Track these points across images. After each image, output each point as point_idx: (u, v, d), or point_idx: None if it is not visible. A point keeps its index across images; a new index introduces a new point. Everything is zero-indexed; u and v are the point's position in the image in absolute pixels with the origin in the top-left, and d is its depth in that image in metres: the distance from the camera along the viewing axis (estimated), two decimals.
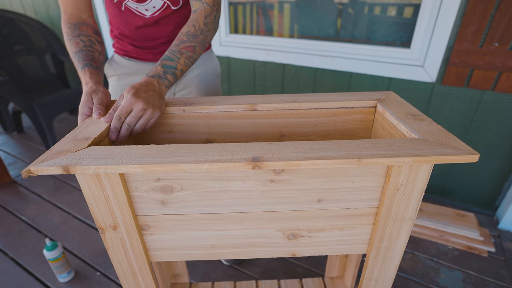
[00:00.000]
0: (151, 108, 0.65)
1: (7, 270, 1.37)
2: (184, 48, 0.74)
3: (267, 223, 0.62)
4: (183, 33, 0.76)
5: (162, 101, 0.69)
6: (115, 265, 0.65)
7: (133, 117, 0.63)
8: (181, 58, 0.73)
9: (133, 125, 0.64)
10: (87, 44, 0.78)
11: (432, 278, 1.28)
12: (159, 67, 0.71)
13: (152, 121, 0.67)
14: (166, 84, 0.71)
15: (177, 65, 0.72)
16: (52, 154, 0.53)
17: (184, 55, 0.74)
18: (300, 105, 0.74)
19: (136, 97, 0.63)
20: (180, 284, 1.15)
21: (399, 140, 0.54)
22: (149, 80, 0.68)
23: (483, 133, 1.45)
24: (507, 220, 1.51)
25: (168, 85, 0.72)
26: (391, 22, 1.56)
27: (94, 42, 0.80)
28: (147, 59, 0.97)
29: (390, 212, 0.59)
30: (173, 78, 0.72)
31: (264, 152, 0.51)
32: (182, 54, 0.73)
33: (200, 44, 0.77)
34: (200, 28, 0.77)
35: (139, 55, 0.97)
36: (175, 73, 0.73)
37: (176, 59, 0.72)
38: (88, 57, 0.76)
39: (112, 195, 0.55)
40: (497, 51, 1.26)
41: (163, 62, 0.71)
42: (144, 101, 0.63)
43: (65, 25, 0.80)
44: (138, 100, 0.63)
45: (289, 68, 1.81)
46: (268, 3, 1.83)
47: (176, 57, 0.73)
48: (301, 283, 1.14)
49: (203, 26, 0.78)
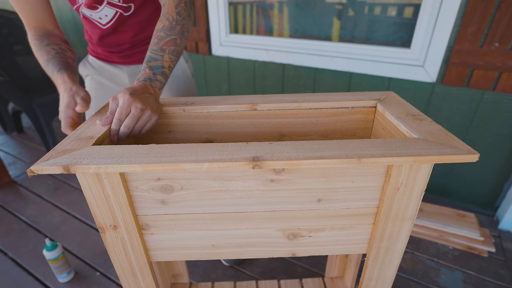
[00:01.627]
0: (149, 110, 0.64)
1: (7, 270, 1.37)
2: (164, 44, 0.72)
3: (267, 223, 0.62)
4: (159, 29, 0.74)
5: (158, 104, 0.69)
6: (115, 265, 0.65)
7: (132, 118, 0.63)
8: (165, 55, 0.72)
9: (132, 126, 0.63)
10: (58, 52, 0.78)
11: (432, 278, 1.28)
12: (147, 70, 0.70)
13: (150, 123, 0.66)
14: (159, 86, 0.70)
15: (163, 63, 0.71)
16: (56, 153, 0.53)
17: (166, 51, 0.72)
18: (300, 105, 0.74)
19: (134, 97, 0.62)
20: (180, 284, 1.15)
21: (399, 140, 0.54)
22: (142, 84, 0.67)
23: (483, 133, 1.45)
24: (507, 220, 1.51)
25: (161, 87, 0.71)
26: (391, 22, 1.56)
27: (65, 50, 0.80)
28: (115, 62, 0.99)
29: (390, 212, 0.59)
30: (163, 78, 0.72)
31: (264, 152, 0.51)
32: (165, 51, 0.72)
33: (179, 35, 0.75)
34: (174, 19, 0.75)
35: (108, 57, 0.99)
36: (164, 72, 0.72)
37: (160, 58, 0.71)
38: (62, 62, 0.76)
39: (113, 194, 0.55)
40: (497, 51, 1.26)
41: (149, 64, 0.70)
42: (142, 101, 0.63)
43: (32, 38, 0.80)
44: (136, 100, 0.62)
45: (289, 68, 1.81)
46: (268, 3, 1.83)
47: (160, 56, 0.71)
48: (301, 283, 1.14)
49: (176, 16, 0.76)
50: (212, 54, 2.01)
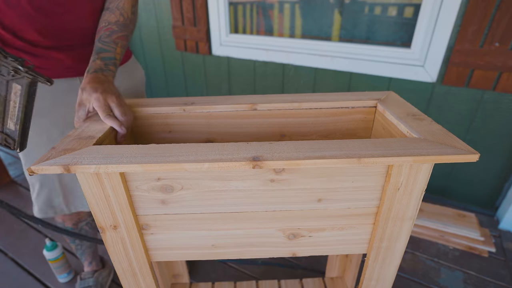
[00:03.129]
0: (118, 96, 0.65)
1: (7, 270, 1.37)
2: (117, 38, 0.71)
3: (268, 223, 0.62)
4: (111, 22, 0.72)
5: (118, 89, 0.68)
6: (115, 264, 0.65)
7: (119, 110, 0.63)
8: (117, 48, 0.70)
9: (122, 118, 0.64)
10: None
11: (433, 278, 1.28)
12: (98, 61, 0.67)
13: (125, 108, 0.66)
14: (112, 75, 0.68)
15: (115, 55, 0.70)
16: (57, 152, 0.53)
17: (119, 44, 0.71)
18: (300, 105, 0.74)
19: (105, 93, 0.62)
20: (180, 284, 1.15)
21: (400, 140, 0.54)
22: (95, 76, 0.65)
23: (483, 133, 1.45)
24: (507, 220, 1.50)
25: (113, 75, 0.69)
26: (391, 22, 1.55)
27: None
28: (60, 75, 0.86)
29: (390, 212, 0.59)
30: (115, 68, 0.70)
31: (265, 152, 0.51)
32: (117, 44, 0.71)
33: (131, 33, 0.75)
34: (128, 17, 0.75)
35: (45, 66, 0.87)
36: (116, 63, 0.70)
37: (112, 50, 0.70)
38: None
39: (113, 194, 0.55)
40: (497, 51, 1.26)
41: (100, 55, 0.68)
42: (111, 92, 0.63)
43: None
44: (109, 94, 0.62)
45: (289, 68, 1.81)
46: (268, 3, 1.83)
47: (112, 48, 0.70)
48: (301, 283, 1.14)
49: (131, 15, 0.75)
50: (212, 54, 2.01)
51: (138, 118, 0.76)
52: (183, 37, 2.04)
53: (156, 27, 2.17)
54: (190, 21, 1.97)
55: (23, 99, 0.54)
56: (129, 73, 0.95)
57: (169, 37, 2.14)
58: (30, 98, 0.55)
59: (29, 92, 0.54)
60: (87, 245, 1.16)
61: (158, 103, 0.76)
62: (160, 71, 2.35)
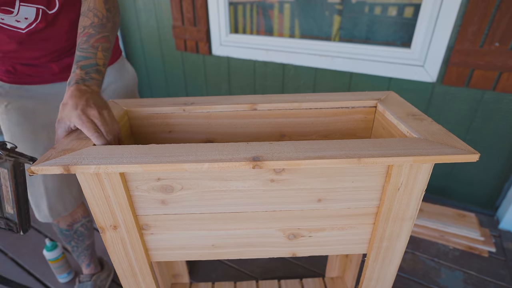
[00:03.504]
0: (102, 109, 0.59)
1: (7, 270, 1.37)
2: (96, 41, 0.65)
3: (268, 223, 0.62)
4: (86, 26, 0.66)
5: (103, 100, 0.63)
6: (115, 265, 0.65)
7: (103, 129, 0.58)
8: (98, 53, 0.64)
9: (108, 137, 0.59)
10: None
11: (433, 278, 1.28)
12: (78, 71, 0.62)
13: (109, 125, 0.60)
14: (95, 83, 0.63)
15: (97, 61, 0.64)
16: (57, 152, 0.53)
17: (99, 48, 0.64)
18: (300, 105, 0.74)
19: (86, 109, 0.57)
20: (180, 284, 1.15)
21: (400, 140, 0.54)
22: (75, 88, 0.59)
23: (483, 133, 1.45)
24: (507, 220, 1.50)
25: (98, 84, 0.63)
26: (391, 22, 1.55)
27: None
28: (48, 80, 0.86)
29: (390, 212, 0.59)
30: (98, 75, 0.64)
31: (265, 152, 0.51)
32: (97, 48, 0.64)
33: (111, 32, 0.68)
34: (104, 16, 0.67)
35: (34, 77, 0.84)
36: (99, 69, 0.64)
37: (93, 56, 0.63)
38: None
39: (113, 194, 0.55)
40: (497, 51, 1.26)
41: (79, 64, 0.62)
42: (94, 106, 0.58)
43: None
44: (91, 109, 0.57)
45: (289, 68, 1.81)
46: (268, 3, 1.83)
47: (92, 53, 0.63)
48: (301, 283, 1.14)
49: (106, 13, 0.68)
50: (212, 54, 2.01)
51: (138, 118, 0.76)
52: (183, 37, 2.04)
53: (156, 27, 2.17)
54: (190, 21, 1.97)
55: (12, 182, 0.53)
56: (118, 74, 0.94)
57: (169, 37, 2.14)
58: (18, 180, 0.54)
59: (16, 174, 0.53)
60: (83, 247, 1.15)
61: (158, 103, 0.76)
62: (160, 71, 2.35)
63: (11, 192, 0.54)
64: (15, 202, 0.55)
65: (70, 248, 1.13)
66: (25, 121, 0.83)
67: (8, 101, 0.82)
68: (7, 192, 0.54)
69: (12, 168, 0.51)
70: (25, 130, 0.83)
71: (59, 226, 1.04)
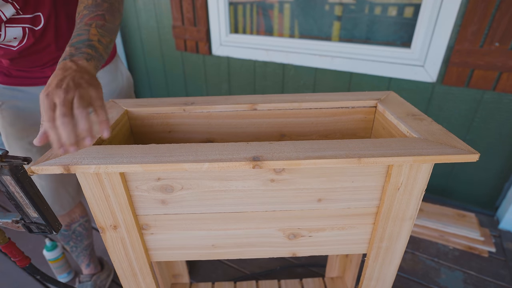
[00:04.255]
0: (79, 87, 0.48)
1: (7, 270, 1.36)
2: (90, 19, 0.60)
3: (268, 223, 0.62)
4: (80, 10, 0.62)
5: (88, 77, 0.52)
6: (115, 264, 0.65)
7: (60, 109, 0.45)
8: (91, 29, 0.59)
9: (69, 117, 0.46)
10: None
11: (433, 278, 1.28)
12: (67, 48, 0.56)
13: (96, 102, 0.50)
14: (85, 57, 0.55)
15: (89, 36, 0.58)
16: (56, 152, 0.53)
17: (93, 24, 0.59)
18: (300, 105, 0.74)
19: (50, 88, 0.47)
20: (180, 284, 1.15)
21: (399, 140, 0.54)
22: (60, 66, 0.52)
23: (483, 133, 1.45)
24: (507, 220, 1.50)
25: (89, 58, 0.55)
26: (391, 22, 1.55)
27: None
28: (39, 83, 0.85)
29: (390, 211, 0.59)
30: (91, 50, 0.57)
31: (265, 152, 0.51)
32: (91, 25, 0.59)
33: (108, 11, 0.62)
34: None
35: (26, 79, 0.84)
36: (91, 44, 0.57)
37: (85, 32, 0.58)
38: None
39: (113, 194, 0.55)
40: (497, 51, 1.26)
41: (71, 41, 0.57)
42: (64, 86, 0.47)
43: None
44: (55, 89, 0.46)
45: (289, 68, 1.81)
46: (268, 3, 1.83)
47: (85, 30, 0.58)
48: (301, 283, 1.14)
49: None
50: (212, 54, 2.01)
51: (138, 118, 0.76)
52: (183, 37, 2.04)
53: (156, 27, 2.17)
54: (190, 21, 1.97)
55: (19, 186, 0.52)
56: (111, 76, 0.93)
57: (169, 37, 2.14)
58: (25, 183, 0.52)
59: (19, 178, 0.51)
60: (82, 247, 1.15)
61: (158, 103, 0.76)
62: (160, 71, 2.35)
63: (24, 197, 0.53)
64: (33, 205, 0.54)
65: (69, 248, 1.13)
66: (18, 120, 0.84)
67: (2, 101, 0.83)
68: (21, 198, 0.54)
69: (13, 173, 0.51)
70: (19, 129, 0.84)
71: None
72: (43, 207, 0.56)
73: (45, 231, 0.58)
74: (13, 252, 0.66)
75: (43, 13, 0.71)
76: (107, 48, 0.61)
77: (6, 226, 0.59)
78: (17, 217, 0.58)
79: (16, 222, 0.58)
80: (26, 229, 0.59)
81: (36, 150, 0.87)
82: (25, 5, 0.67)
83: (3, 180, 0.51)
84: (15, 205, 0.55)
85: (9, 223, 0.58)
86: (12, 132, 0.85)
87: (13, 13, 0.66)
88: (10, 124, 0.84)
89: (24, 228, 0.59)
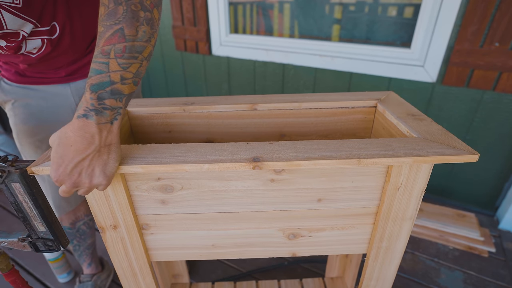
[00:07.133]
0: (105, 179, 0.48)
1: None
2: (106, 43, 0.46)
3: (268, 223, 0.62)
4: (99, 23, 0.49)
5: (108, 155, 0.48)
6: (115, 264, 0.65)
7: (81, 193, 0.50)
8: (111, 62, 0.46)
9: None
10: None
11: (433, 278, 1.28)
12: (88, 94, 0.46)
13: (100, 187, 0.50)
14: (110, 117, 0.47)
15: (110, 76, 0.46)
16: None
17: (111, 54, 0.46)
18: (300, 105, 0.74)
19: (80, 177, 0.47)
20: (180, 284, 1.15)
21: (399, 140, 0.54)
22: (82, 126, 0.46)
23: (483, 133, 1.45)
24: (507, 220, 1.50)
25: (113, 117, 0.48)
26: (391, 22, 1.55)
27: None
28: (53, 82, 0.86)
29: (390, 212, 0.59)
30: (117, 101, 0.47)
31: (265, 152, 0.51)
32: (109, 55, 0.46)
33: (126, 20, 0.46)
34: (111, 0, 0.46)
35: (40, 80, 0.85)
36: (115, 90, 0.47)
37: (105, 69, 0.46)
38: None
39: (113, 194, 0.55)
40: (497, 51, 1.26)
41: (90, 81, 0.47)
42: (90, 174, 0.47)
43: None
44: (87, 176, 0.47)
45: (289, 68, 1.80)
46: (268, 3, 1.83)
47: (104, 65, 0.46)
48: (301, 283, 1.14)
49: None
50: (212, 54, 2.01)
51: (138, 118, 0.76)
52: (183, 37, 2.04)
53: None
54: (190, 21, 1.97)
55: (28, 194, 0.50)
56: None
57: (169, 37, 2.14)
58: (34, 190, 0.50)
59: (29, 184, 0.49)
60: (85, 246, 1.15)
61: (158, 103, 0.76)
62: (160, 71, 2.35)
63: (33, 207, 0.52)
64: (41, 217, 0.53)
65: (72, 247, 1.14)
66: (30, 118, 0.85)
67: (15, 99, 0.85)
68: (29, 208, 0.52)
69: (22, 178, 0.50)
70: (30, 127, 0.86)
71: (62, 224, 1.04)
72: (51, 219, 0.55)
73: (52, 248, 0.57)
74: (16, 281, 0.64)
75: (58, 22, 0.73)
76: (136, 77, 0.49)
77: (11, 247, 0.58)
78: (23, 234, 0.57)
79: (22, 240, 0.57)
80: (32, 248, 0.58)
81: (45, 147, 0.88)
82: (41, 19, 0.69)
83: (12, 188, 0.51)
84: (22, 218, 0.54)
85: (15, 242, 0.58)
86: (23, 130, 0.86)
87: (32, 28, 0.69)
88: (22, 121, 0.85)
89: (31, 246, 0.58)
